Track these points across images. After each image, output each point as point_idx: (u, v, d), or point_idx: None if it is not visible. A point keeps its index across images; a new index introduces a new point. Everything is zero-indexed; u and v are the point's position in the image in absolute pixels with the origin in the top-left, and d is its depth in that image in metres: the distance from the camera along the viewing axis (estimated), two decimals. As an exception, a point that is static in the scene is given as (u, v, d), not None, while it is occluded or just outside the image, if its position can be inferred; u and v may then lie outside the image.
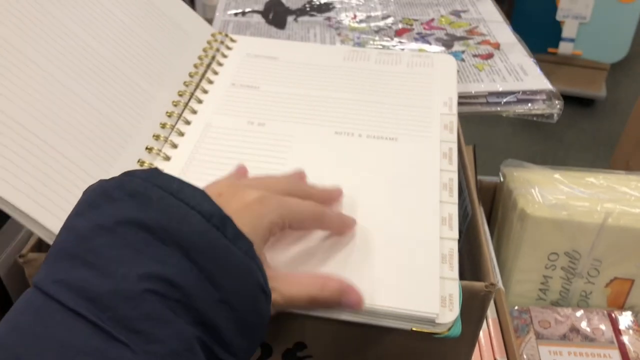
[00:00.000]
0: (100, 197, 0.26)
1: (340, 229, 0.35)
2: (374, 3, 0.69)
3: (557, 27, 1.83)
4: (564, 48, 1.84)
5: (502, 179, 0.65)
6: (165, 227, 0.25)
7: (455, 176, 0.40)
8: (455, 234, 0.36)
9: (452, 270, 0.34)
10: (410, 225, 0.36)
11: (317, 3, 0.70)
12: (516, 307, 0.59)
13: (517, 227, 0.59)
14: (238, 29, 0.64)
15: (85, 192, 0.27)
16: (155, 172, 0.27)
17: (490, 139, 1.83)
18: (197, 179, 0.38)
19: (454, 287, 0.33)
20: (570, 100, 1.87)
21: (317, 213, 0.33)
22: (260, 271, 0.27)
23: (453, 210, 0.37)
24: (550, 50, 1.85)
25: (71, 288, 0.23)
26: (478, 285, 0.37)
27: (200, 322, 0.25)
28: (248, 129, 0.44)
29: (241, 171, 0.37)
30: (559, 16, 1.80)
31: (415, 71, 0.51)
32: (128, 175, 0.27)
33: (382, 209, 0.37)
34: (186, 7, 0.54)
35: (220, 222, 0.26)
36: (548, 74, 0.56)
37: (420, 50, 0.60)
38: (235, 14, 0.67)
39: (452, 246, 0.35)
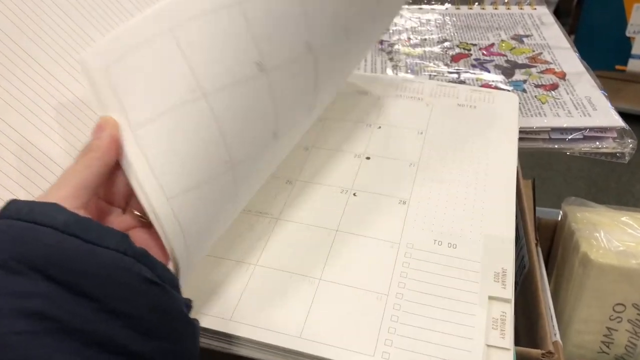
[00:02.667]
0: None
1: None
2: (430, 26, 0.66)
3: (627, 43, 1.73)
4: (634, 65, 1.74)
5: (563, 218, 0.60)
6: (16, 256, 0.22)
7: (513, 229, 0.36)
8: (509, 293, 0.32)
9: (504, 337, 0.30)
10: (454, 282, 0.33)
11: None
12: (575, 361, 0.54)
13: (579, 273, 0.54)
14: (287, 52, 0.62)
15: None
16: (9, 203, 0.25)
17: (546, 156, 1.75)
18: None
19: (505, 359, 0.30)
20: (637, 120, 1.76)
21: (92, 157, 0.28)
22: (142, 262, 0.24)
23: (508, 265, 0.34)
24: (618, 67, 1.75)
25: None
26: (534, 353, 0.34)
27: (91, 342, 0.22)
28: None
29: None
30: (629, 32, 1.70)
31: (474, 106, 0.47)
32: None
33: (423, 261, 0.34)
34: None
35: (79, 227, 0.24)
36: (615, 92, 0.51)
37: (478, 79, 0.56)
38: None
39: (505, 308, 0.32)
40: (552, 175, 1.70)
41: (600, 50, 1.71)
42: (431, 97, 0.49)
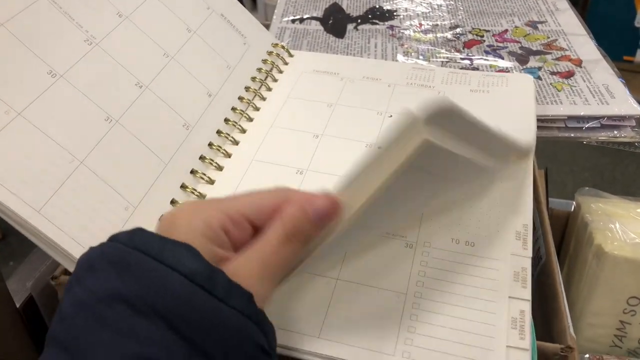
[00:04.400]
0: (83, 268, 0.23)
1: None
2: (442, 11, 0.64)
3: (635, 33, 1.71)
4: (642, 56, 1.72)
5: (576, 209, 0.58)
6: (144, 296, 0.22)
7: (530, 223, 0.35)
8: (528, 293, 0.31)
9: (524, 338, 0.29)
10: (476, 281, 0.32)
11: (380, 10, 0.65)
12: (587, 355, 0.53)
13: (593, 265, 0.53)
14: (295, 37, 0.61)
15: (77, 262, 0.24)
16: (135, 232, 0.24)
17: (552, 146, 1.73)
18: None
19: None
20: (645, 111, 1.74)
21: (280, 192, 0.27)
22: (259, 328, 0.23)
23: (527, 264, 0.32)
24: (626, 58, 1.73)
25: None
26: (552, 347, 0.33)
27: None
28: (306, 140, 0.42)
29: None
30: (637, 22, 1.68)
31: (488, 91, 0.46)
32: (111, 239, 0.24)
33: (446, 258, 0.33)
34: (247, 14, 0.51)
35: (208, 279, 0.22)
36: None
37: (492, 66, 0.55)
38: (293, 21, 0.64)
39: (524, 307, 0.30)
40: (558, 165, 1.68)
41: (609, 40, 1.68)
42: (443, 84, 0.48)
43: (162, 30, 0.41)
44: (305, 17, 0.65)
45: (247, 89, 0.46)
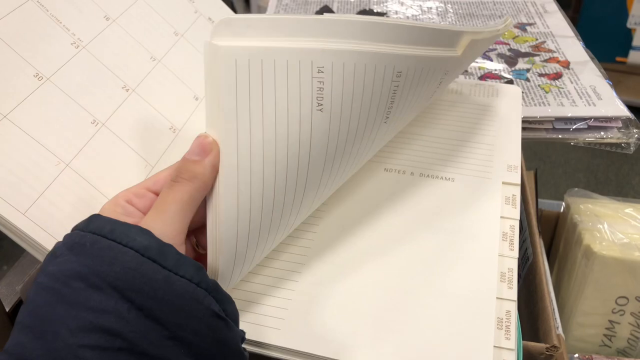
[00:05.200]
0: (48, 258, 0.25)
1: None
2: (432, 14, 0.65)
3: (627, 34, 1.72)
4: (634, 57, 1.72)
5: (565, 209, 0.59)
6: (98, 271, 0.23)
7: (517, 225, 0.35)
8: (514, 294, 0.31)
9: (509, 339, 0.29)
10: (463, 281, 0.32)
11: (371, 13, 0.66)
12: (577, 355, 0.53)
13: (582, 265, 0.54)
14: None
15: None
16: (92, 219, 0.26)
17: (545, 147, 1.74)
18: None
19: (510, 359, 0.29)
20: (637, 112, 1.75)
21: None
22: (212, 295, 0.25)
23: (513, 265, 0.33)
24: (619, 59, 1.74)
25: (10, 356, 0.23)
26: (538, 347, 0.33)
27: None
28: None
29: None
30: (630, 23, 1.68)
31: (478, 102, 0.46)
32: (72, 229, 0.26)
33: (432, 259, 0.33)
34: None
35: (158, 252, 0.24)
36: (615, 84, 0.50)
37: (481, 67, 0.55)
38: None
39: (510, 308, 0.31)
40: (551, 166, 1.69)
41: (601, 41, 1.69)
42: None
43: (149, 34, 0.42)
44: (295, 19, 0.65)
45: None
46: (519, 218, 0.35)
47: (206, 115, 0.27)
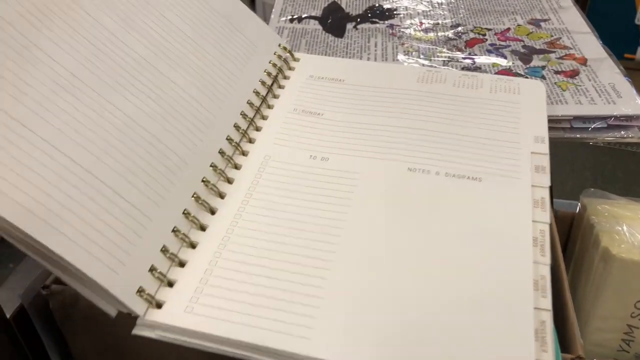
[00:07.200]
0: None
1: None
2: (443, 9, 0.63)
3: (636, 31, 1.70)
4: (643, 54, 1.71)
5: (581, 210, 0.57)
6: None
7: (547, 229, 0.33)
8: (549, 303, 0.30)
9: (547, 351, 0.28)
10: (497, 291, 0.30)
11: (380, 9, 0.64)
12: (595, 360, 0.52)
13: (599, 269, 0.52)
14: (293, 37, 0.60)
15: None
16: None
17: (552, 146, 1.72)
18: (252, 222, 0.35)
19: None
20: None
21: None
22: None
23: (546, 272, 0.31)
24: (627, 56, 1.72)
25: None
26: (563, 357, 0.31)
27: None
28: (310, 165, 0.39)
29: None
30: (638, 20, 1.66)
31: (500, 98, 0.44)
32: None
33: (462, 267, 0.32)
34: (250, 13, 0.49)
35: None
36: None
37: (494, 65, 0.53)
38: (291, 20, 0.63)
39: (545, 318, 0.29)
40: (558, 165, 1.67)
41: (609, 38, 1.67)
42: (455, 87, 0.46)
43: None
44: (303, 16, 0.63)
45: (250, 104, 0.44)
46: (549, 222, 0.33)
47: None
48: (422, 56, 0.55)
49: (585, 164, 1.70)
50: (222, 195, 0.37)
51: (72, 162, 0.31)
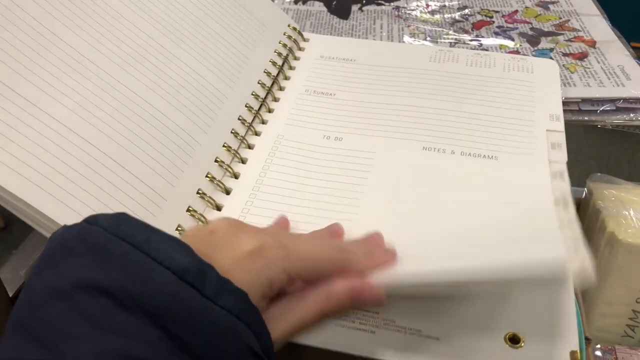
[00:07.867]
0: (59, 250, 0.22)
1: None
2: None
3: (643, 18, 1.68)
4: (651, 42, 1.69)
5: (587, 195, 0.57)
6: (129, 289, 0.20)
7: (569, 192, 0.33)
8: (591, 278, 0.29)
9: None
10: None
11: (386, -9, 0.63)
12: (599, 346, 0.51)
13: (605, 253, 0.52)
14: (298, 19, 0.59)
15: (49, 240, 0.23)
16: (120, 219, 0.22)
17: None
18: (267, 202, 0.34)
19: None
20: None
21: (338, 261, 0.27)
22: (251, 330, 0.22)
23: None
24: (634, 44, 1.70)
25: None
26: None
27: None
28: (324, 145, 0.39)
29: (281, 224, 0.32)
30: (646, 7, 1.64)
31: (513, 77, 0.44)
32: (91, 222, 0.22)
33: (489, 248, 0.31)
34: None
35: (198, 276, 0.21)
36: None
37: (502, 47, 0.53)
38: (296, 1, 0.62)
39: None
40: (563, 153, 1.66)
41: (617, 26, 1.66)
42: (468, 66, 0.46)
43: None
44: (308, -3, 0.62)
45: (262, 85, 0.44)
46: (569, 189, 0.33)
47: None
48: (428, 38, 0.55)
49: (590, 152, 1.69)
50: (236, 176, 0.37)
51: (83, 141, 0.31)
